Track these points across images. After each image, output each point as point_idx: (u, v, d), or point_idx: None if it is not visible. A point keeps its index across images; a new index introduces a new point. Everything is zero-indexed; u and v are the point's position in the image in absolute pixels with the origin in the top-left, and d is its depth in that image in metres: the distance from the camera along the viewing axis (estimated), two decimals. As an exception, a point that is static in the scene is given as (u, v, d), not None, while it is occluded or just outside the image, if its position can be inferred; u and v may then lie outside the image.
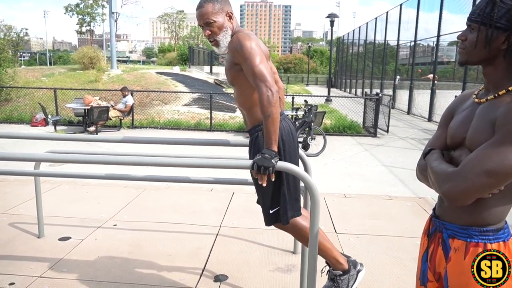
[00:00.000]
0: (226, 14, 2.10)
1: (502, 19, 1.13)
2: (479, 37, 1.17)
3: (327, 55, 55.21)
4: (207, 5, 2.06)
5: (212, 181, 3.24)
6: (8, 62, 13.63)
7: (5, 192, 4.73)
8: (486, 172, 1.09)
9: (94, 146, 7.53)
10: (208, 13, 2.06)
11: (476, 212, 1.20)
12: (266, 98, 1.92)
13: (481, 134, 1.16)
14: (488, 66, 1.22)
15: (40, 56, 68.90)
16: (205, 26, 2.10)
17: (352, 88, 28.63)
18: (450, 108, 1.41)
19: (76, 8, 44.44)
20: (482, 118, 1.19)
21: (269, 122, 1.93)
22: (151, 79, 16.53)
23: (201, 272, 2.95)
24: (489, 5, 1.15)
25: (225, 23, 2.10)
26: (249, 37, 2.03)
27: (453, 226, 1.27)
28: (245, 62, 1.99)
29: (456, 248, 1.25)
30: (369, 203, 4.60)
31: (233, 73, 2.13)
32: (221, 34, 2.10)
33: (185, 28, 63.65)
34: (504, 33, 1.14)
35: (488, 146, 1.11)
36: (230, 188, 4.88)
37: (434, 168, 1.24)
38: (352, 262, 2.33)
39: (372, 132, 9.85)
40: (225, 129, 10.34)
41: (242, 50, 1.98)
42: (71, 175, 3.44)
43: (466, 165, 1.14)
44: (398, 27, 17.71)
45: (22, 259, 3.07)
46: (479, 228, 1.21)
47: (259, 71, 1.95)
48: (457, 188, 1.13)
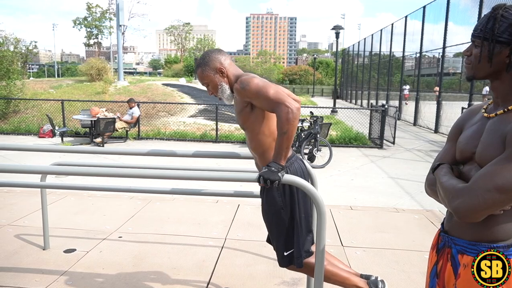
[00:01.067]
0: (217, 71, 2.12)
1: (504, 33, 1.14)
2: (482, 52, 1.18)
3: (332, 66, 55.38)
4: (198, 71, 2.17)
5: (217, 193, 3.23)
6: (17, 74, 13.82)
7: (11, 203, 4.75)
8: (497, 188, 1.08)
9: (100, 157, 7.55)
10: (200, 77, 2.18)
11: (486, 228, 1.19)
12: (286, 115, 1.90)
13: (491, 149, 1.15)
14: (495, 80, 1.22)
15: (49, 68, 69.83)
16: (205, 86, 2.21)
17: (357, 99, 28.62)
18: (458, 122, 1.40)
19: (84, 21, 45.09)
20: (492, 133, 1.18)
21: (284, 139, 1.93)
22: (157, 90, 16.66)
23: (206, 285, 2.92)
24: (490, 21, 1.16)
25: (219, 80, 2.14)
26: (254, 76, 2.06)
27: (462, 241, 1.25)
28: (257, 96, 1.99)
29: (465, 264, 1.23)
30: (376, 216, 4.56)
31: (243, 115, 2.12)
32: (218, 91, 2.16)
33: (191, 40, 64.20)
34: (507, 47, 1.15)
35: (498, 162, 1.10)
36: (235, 200, 4.86)
37: (444, 183, 1.22)
38: (373, 282, 2.29)
39: (378, 143, 9.80)
40: (231, 140, 10.35)
41: (250, 87, 1.99)
42: (76, 187, 3.45)
43: (476, 181, 1.12)
44: (404, 38, 17.76)
45: (27, 271, 3.06)
46: (489, 244, 1.19)
47: (275, 95, 1.94)
48: (468, 205, 1.12)
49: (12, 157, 7.52)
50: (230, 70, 2.15)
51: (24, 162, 7.22)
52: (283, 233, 2.13)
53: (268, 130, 2.10)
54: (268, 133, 2.10)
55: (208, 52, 2.17)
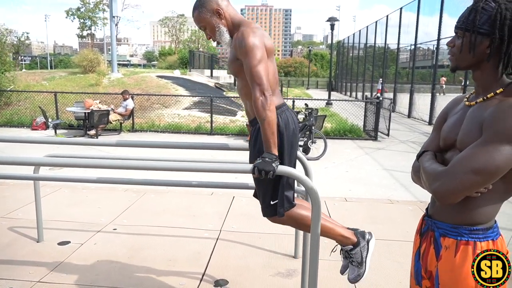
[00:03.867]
0: (214, 13, 2.07)
1: (485, 25, 1.19)
2: (464, 42, 1.24)
3: (327, 58, 55.31)
4: (194, 13, 2.12)
5: (212, 185, 3.23)
6: (10, 66, 13.64)
7: (4, 196, 4.72)
8: (473, 171, 1.14)
9: (94, 150, 7.51)
10: (197, 20, 2.12)
11: (466, 212, 1.25)
12: (260, 103, 1.90)
13: (470, 136, 1.21)
14: (476, 70, 1.28)
15: (41, 60, 69.05)
16: (203, 30, 2.15)
17: (352, 91, 28.65)
18: (443, 111, 1.46)
19: (77, 12, 44.56)
20: (471, 120, 1.24)
21: (265, 126, 1.92)
22: (151, 82, 16.56)
23: (201, 276, 2.93)
24: (472, 13, 1.22)
25: (216, 22, 2.08)
26: (253, 33, 1.99)
27: (444, 225, 1.31)
28: (244, 60, 1.97)
29: (447, 246, 1.29)
30: (370, 207, 4.58)
31: (235, 66, 2.10)
32: (216, 34, 2.11)
33: (186, 32, 63.79)
34: (487, 38, 1.20)
35: (475, 146, 1.16)
36: (230, 192, 4.86)
37: (426, 168, 1.29)
38: (360, 233, 2.28)
39: (373, 135, 9.83)
40: (226, 133, 10.33)
41: (243, 47, 1.96)
42: (70, 179, 3.43)
43: (454, 164, 1.19)
44: (398, 30, 17.75)
45: (21, 264, 3.05)
46: (469, 227, 1.25)
47: (256, 73, 1.92)
48: (446, 186, 1.18)
49: (5, 149, 7.45)
50: (228, 12, 2.10)
51: (17, 154, 7.16)
52: (270, 184, 2.10)
53: None
54: None
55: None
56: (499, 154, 1.12)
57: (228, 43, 2.13)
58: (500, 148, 1.12)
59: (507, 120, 1.13)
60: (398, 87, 17.83)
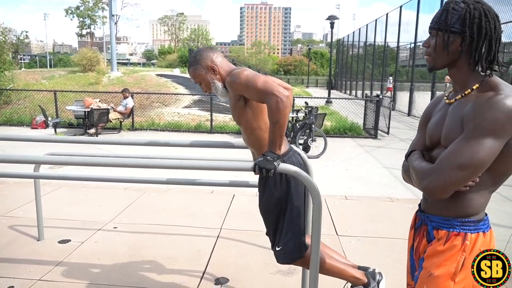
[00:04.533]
0: (208, 69, 2.12)
1: (456, 24, 1.25)
2: (438, 42, 1.30)
3: (327, 57, 55.23)
4: (190, 70, 2.18)
5: (212, 183, 3.22)
6: (9, 64, 13.61)
7: (5, 194, 4.72)
8: (459, 166, 1.19)
9: (94, 149, 7.51)
10: (192, 76, 2.18)
11: (457, 205, 1.29)
12: (275, 104, 1.88)
13: (453, 132, 1.25)
14: (452, 68, 1.33)
15: (41, 59, 68.99)
16: (199, 85, 2.21)
17: (352, 90, 28.63)
18: (426, 111, 1.51)
19: (77, 10, 44.51)
20: (453, 118, 1.29)
21: (276, 129, 1.92)
22: (151, 81, 16.54)
23: (201, 275, 2.93)
24: (444, 13, 1.28)
25: (211, 78, 2.13)
26: (244, 69, 2.05)
27: (437, 218, 1.36)
28: (247, 87, 1.97)
29: (439, 238, 1.34)
30: (371, 205, 4.58)
31: (238, 110, 2.11)
32: (212, 88, 2.15)
33: (185, 31, 63.72)
34: (459, 36, 1.26)
35: (459, 142, 1.22)
36: (230, 190, 4.86)
37: (415, 167, 1.34)
38: (371, 274, 2.30)
39: (373, 133, 9.83)
40: (226, 131, 10.33)
41: (240, 79, 1.98)
42: (71, 178, 3.43)
43: (441, 161, 1.24)
44: (398, 29, 17.72)
45: (22, 262, 3.05)
46: (461, 219, 1.30)
47: (263, 85, 1.92)
48: (435, 183, 1.24)
49: (5, 148, 7.44)
50: (222, 67, 2.14)
51: (17, 153, 7.16)
52: (280, 227, 2.13)
53: (264, 125, 2.08)
54: (265, 128, 2.08)
55: (199, 50, 2.17)
56: (481, 147, 1.17)
57: (223, 94, 2.16)
58: (482, 142, 1.17)
59: (485, 114, 1.17)
60: (398, 85, 17.82)
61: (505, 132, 1.17)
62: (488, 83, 1.25)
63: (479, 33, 1.24)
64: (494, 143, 1.16)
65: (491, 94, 1.21)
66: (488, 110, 1.17)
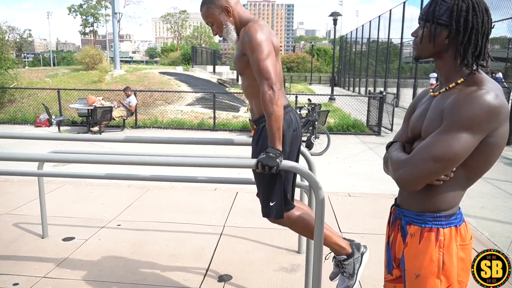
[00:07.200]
0: (222, 10, 2.07)
1: (443, 16, 1.24)
2: (424, 33, 1.29)
3: (330, 53, 55.04)
4: (203, 9, 2.12)
5: (215, 181, 3.23)
6: (12, 63, 13.65)
7: (9, 192, 4.74)
8: (433, 158, 1.18)
9: (97, 146, 7.54)
10: (205, 16, 2.12)
11: (430, 199, 1.29)
12: (268, 96, 1.90)
13: (433, 125, 1.25)
14: (438, 60, 1.32)
15: (44, 57, 69.21)
16: (210, 26, 2.15)
17: (355, 86, 28.54)
18: (412, 103, 1.51)
19: (80, 8, 44.60)
20: (434, 110, 1.29)
21: (272, 120, 1.92)
22: (154, 79, 16.54)
23: (205, 272, 2.94)
24: (432, 4, 1.27)
25: (224, 19, 2.08)
26: (261, 29, 1.99)
27: (410, 213, 1.35)
28: (251, 55, 1.96)
29: (412, 233, 1.32)
30: (374, 202, 4.57)
31: (241, 63, 2.09)
32: (223, 31, 2.11)
33: (188, 28, 63.67)
34: (446, 29, 1.25)
35: (435, 134, 1.21)
36: (233, 187, 4.86)
37: (392, 157, 1.34)
38: (355, 245, 2.31)
39: (376, 130, 9.80)
40: (229, 129, 10.33)
41: (251, 42, 1.95)
42: (74, 175, 3.44)
43: (415, 153, 1.24)
44: (402, 25, 17.65)
45: (26, 259, 3.07)
46: (433, 214, 1.29)
47: (264, 67, 1.92)
48: (407, 174, 1.23)
49: (9, 146, 7.48)
50: (237, 10, 2.09)
51: (21, 151, 7.19)
52: (268, 185, 2.11)
53: None
54: None
55: None
56: (457, 141, 1.16)
57: (235, 41, 2.12)
58: (458, 136, 1.16)
59: (463, 109, 1.17)
60: (402, 82, 17.74)
61: (482, 129, 1.16)
62: (473, 78, 1.24)
63: (465, 27, 1.22)
64: (470, 138, 1.16)
65: (473, 89, 1.19)
66: (467, 105, 1.16)
